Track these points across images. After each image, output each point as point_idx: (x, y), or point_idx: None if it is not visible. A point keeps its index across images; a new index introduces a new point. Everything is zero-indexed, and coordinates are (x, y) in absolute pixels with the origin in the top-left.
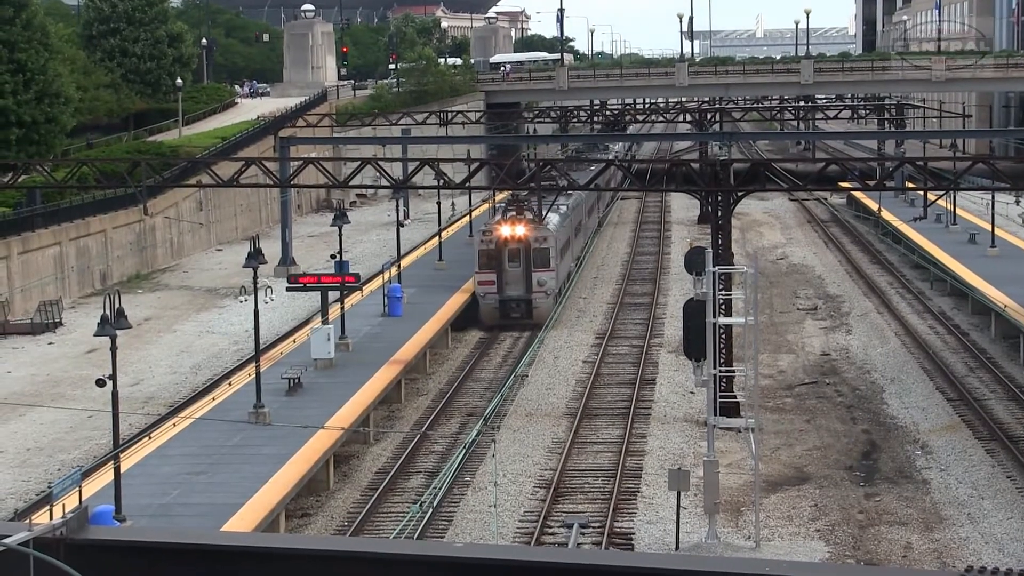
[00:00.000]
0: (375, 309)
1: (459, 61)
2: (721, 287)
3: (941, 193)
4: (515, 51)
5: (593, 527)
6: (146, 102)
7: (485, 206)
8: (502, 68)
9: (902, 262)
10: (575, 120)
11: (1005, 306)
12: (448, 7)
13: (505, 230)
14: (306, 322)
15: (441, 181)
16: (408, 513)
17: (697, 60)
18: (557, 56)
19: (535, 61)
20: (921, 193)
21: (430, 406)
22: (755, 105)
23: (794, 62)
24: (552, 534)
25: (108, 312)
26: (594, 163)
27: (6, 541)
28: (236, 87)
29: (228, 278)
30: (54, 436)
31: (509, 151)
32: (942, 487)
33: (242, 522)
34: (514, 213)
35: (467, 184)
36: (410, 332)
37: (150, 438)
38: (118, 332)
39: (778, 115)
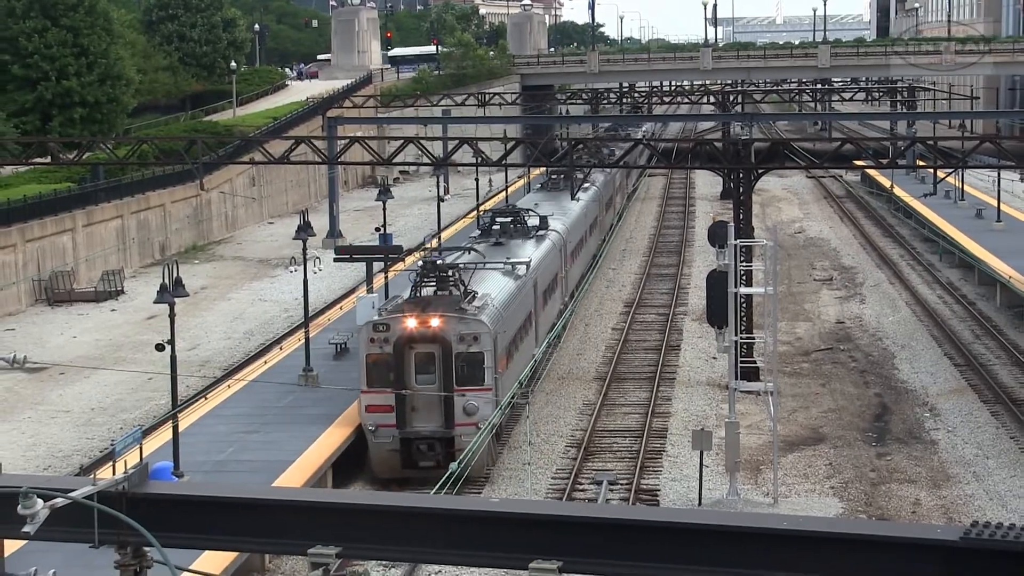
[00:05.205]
0: None
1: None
2: (742, 259)
3: (950, 171)
4: (548, 38)
5: (621, 484)
6: (202, 84)
7: (520, 182)
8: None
9: (913, 236)
10: (605, 102)
11: (1010, 277)
12: None
13: (411, 322)
14: (352, 291)
15: (479, 159)
16: (448, 470)
17: (720, 45)
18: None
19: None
20: (931, 171)
21: None
22: (775, 88)
23: (812, 47)
24: (583, 490)
25: (167, 281)
26: (623, 142)
27: (73, 495)
28: (286, 70)
29: (279, 249)
30: (116, 397)
31: (543, 131)
32: (949, 447)
33: (292, 478)
34: (433, 290)
35: (503, 162)
36: None
37: (206, 399)
38: (176, 300)
39: (796, 97)
